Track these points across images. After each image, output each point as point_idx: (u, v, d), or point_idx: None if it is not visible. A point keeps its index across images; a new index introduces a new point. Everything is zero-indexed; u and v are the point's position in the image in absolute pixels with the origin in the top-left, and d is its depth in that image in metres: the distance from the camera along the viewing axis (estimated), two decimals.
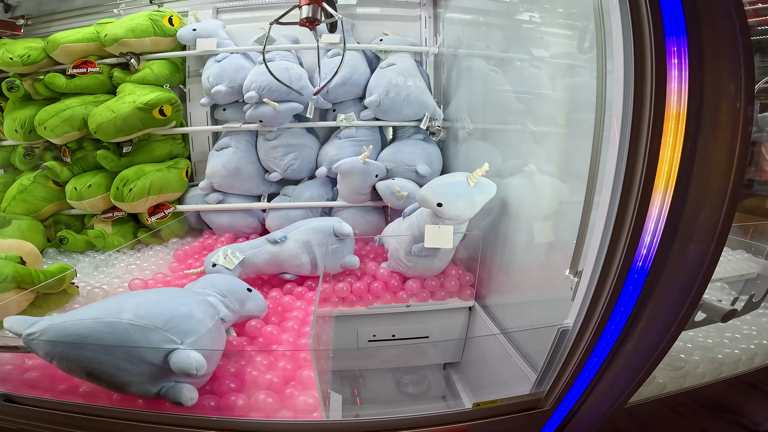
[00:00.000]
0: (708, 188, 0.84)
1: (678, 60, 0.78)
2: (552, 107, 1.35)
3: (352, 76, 2.02)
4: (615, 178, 0.87)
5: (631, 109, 0.81)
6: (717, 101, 0.79)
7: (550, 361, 1.08)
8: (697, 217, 0.86)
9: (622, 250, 0.90)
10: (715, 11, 0.77)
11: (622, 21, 0.81)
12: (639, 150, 0.83)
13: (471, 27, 2.03)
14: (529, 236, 1.45)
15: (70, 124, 1.90)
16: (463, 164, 1.98)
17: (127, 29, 1.94)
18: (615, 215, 0.88)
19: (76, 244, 1.95)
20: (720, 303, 1.07)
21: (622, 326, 0.98)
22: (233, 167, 1.97)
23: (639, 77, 0.80)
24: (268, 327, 1.35)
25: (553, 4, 1.37)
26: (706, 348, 1.41)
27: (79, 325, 0.95)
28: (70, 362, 0.95)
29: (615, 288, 0.93)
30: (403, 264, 1.66)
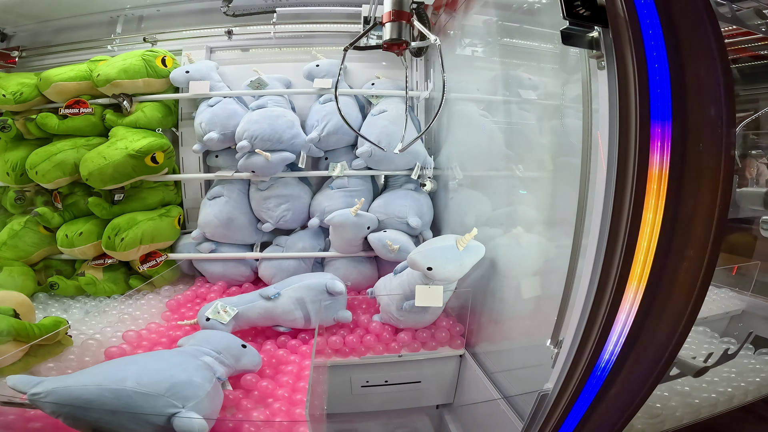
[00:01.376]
0: (680, 275, 0.89)
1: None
2: (541, 152, 1.40)
3: (344, 124, 2.03)
4: (591, 277, 0.92)
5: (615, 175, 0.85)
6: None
7: (531, 419, 1.14)
8: (670, 297, 0.91)
9: (601, 321, 0.94)
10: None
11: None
12: (616, 250, 0.88)
13: (461, 72, 2.06)
14: (516, 291, 1.50)
15: (61, 169, 1.89)
16: (454, 215, 2.02)
17: (120, 69, 1.93)
18: (593, 300, 0.92)
19: (66, 289, 1.94)
20: (693, 360, 1.14)
21: (597, 390, 1.04)
22: (225, 217, 1.98)
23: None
24: (263, 382, 1.38)
25: (541, 50, 1.41)
26: (684, 394, 1.43)
27: (84, 390, 1.02)
28: (78, 421, 1.02)
29: (591, 357, 0.98)
30: (394, 318, 1.70)
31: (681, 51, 0.82)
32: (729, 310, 1.91)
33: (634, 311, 0.92)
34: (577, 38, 0.87)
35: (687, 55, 0.82)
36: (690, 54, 0.83)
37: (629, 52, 0.81)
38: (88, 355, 1.48)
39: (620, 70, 0.82)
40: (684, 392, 1.44)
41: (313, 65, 2.18)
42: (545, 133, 1.40)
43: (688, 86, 0.82)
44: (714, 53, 0.83)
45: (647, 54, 0.81)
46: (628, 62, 0.81)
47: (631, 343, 0.94)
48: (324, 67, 2.16)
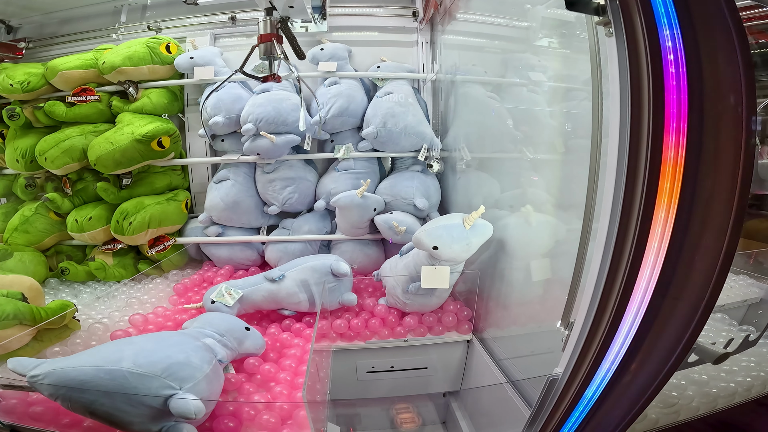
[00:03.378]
0: (701, 249, 0.84)
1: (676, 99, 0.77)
2: (551, 134, 1.35)
3: (349, 106, 2.01)
4: (604, 252, 0.87)
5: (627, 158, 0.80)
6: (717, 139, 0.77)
7: (540, 405, 1.11)
8: (689, 275, 0.86)
9: (613, 305, 0.89)
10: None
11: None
12: (632, 214, 0.83)
13: (469, 51, 2.01)
14: (526, 273, 1.46)
15: (69, 155, 1.91)
16: (461, 196, 1.98)
17: (125, 57, 1.94)
18: (604, 283, 0.88)
19: (77, 275, 1.97)
20: (713, 346, 1.08)
21: (610, 376, 1.00)
22: (232, 201, 1.97)
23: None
24: (266, 365, 1.37)
25: (550, 29, 1.36)
26: (701, 383, 1.39)
27: (80, 371, 1.00)
28: (74, 402, 1.00)
29: (604, 342, 0.93)
30: (400, 301, 1.67)
31: (692, 12, 0.76)
32: (747, 298, 1.83)
33: (650, 294, 0.86)
34: (581, 4, 0.81)
35: (699, 17, 0.76)
36: (702, 15, 0.76)
37: (638, 15, 0.75)
38: (95, 339, 1.49)
39: (629, 36, 0.76)
40: (701, 381, 1.39)
41: (317, 49, 2.15)
42: (555, 115, 1.35)
43: (702, 50, 0.75)
44: (727, 16, 0.77)
45: (656, 17, 0.75)
46: (637, 27, 0.75)
47: (646, 326, 0.89)
48: (328, 51, 2.13)
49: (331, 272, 1.62)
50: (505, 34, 1.74)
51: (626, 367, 0.96)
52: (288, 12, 1.57)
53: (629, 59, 0.77)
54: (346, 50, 2.18)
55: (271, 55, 1.48)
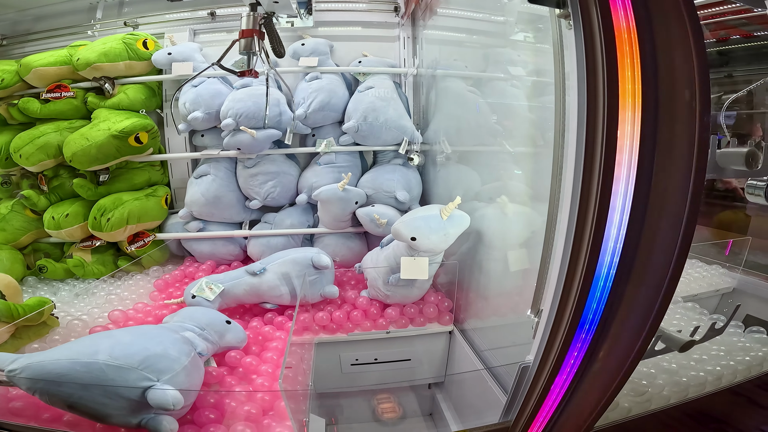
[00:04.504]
0: (659, 237, 0.87)
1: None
2: (528, 127, 1.37)
3: (330, 101, 2.02)
4: (566, 241, 0.89)
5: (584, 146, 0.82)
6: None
7: (514, 393, 1.14)
8: (649, 261, 0.89)
9: (576, 291, 0.92)
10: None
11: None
12: (590, 203, 0.85)
13: (449, 46, 2.03)
14: (504, 264, 1.48)
15: (45, 151, 1.88)
16: (442, 189, 2.00)
17: (100, 53, 1.91)
18: (566, 270, 0.91)
19: (55, 272, 1.94)
20: (678, 334, 1.10)
21: (579, 362, 1.02)
22: (213, 195, 1.96)
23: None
24: (247, 358, 1.38)
25: (526, 23, 1.38)
26: (671, 371, 1.42)
27: (56, 364, 1.00)
28: (52, 396, 1.00)
29: (570, 328, 0.96)
30: (381, 292, 1.68)
31: (649, 7, 0.78)
32: (720, 288, 1.90)
33: (611, 280, 0.89)
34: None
35: (656, 12, 0.78)
36: (659, 11, 0.78)
37: (594, 8, 0.77)
38: (74, 335, 1.47)
39: (586, 27, 0.78)
40: (671, 370, 1.42)
41: (298, 44, 2.15)
42: (532, 109, 1.37)
43: (658, 41, 0.78)
44: (684, 12, 0.79)
45: (613, 11, 0.77)
46: (593, 18, 0.77)
47: (610, 312, 0.93)
48: (309, 46, 2.13)
49: (313, 265, 1.63)
50: (483, 29, 1.76)
51: (595, 354, 0.99)
52: (273, 7, 1.56)
53: (585, 52, 0.79)
54: (327, 45, 2.18)
55: (250, 50, 1.47)
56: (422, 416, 2.00)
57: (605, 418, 1.21)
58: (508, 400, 1.17)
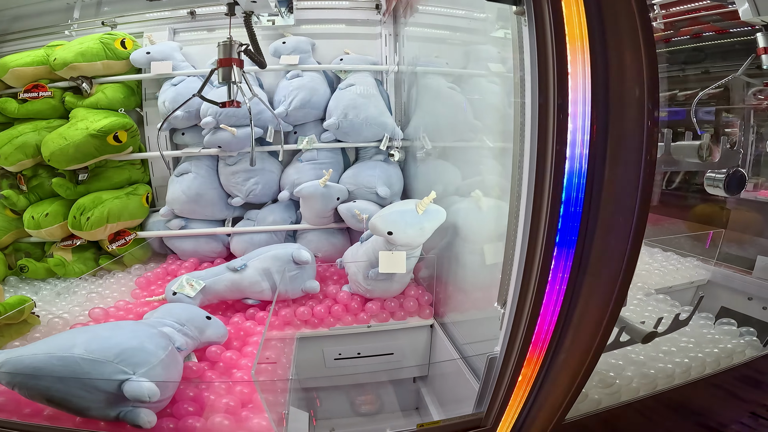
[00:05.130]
0: (613, 228, 0.88)
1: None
2: (506, 122, 1.40)
3: (311, 99, 2.03)
4: (522, 232, 0.92)
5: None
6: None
7: (484, 384, 1.16)
8: (604, 253, 0.91)
9: (534, 282, 0.94)
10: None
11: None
12: (543, 196, 0.87)
13: (429, 43, 2.05)
14: (479, 258, 1.51)
15: (23, 151, 1.87)
16: (422, 184, 2.03)
17: (77, 53, 1.90)
18: (525, 259, 0.93)
19: (36, 272, 1.93)
20: (641, 325, 1.13)
21: (544, 353, 1.04)
22: (194, 193, 1.97)
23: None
24: (227, 352, 1.39)
25: (506, 20, 1.40)
26: (639, 363, 1.42)
27: (33, 359, 1.01)
28: (30, 390, 1.02)
29: (531, 317, 0.98)
30: (362, 287, 1.71)
31: (601, 5, 0.80)
32: (694, 280, 1.92)
33: (567, 271, 0.92)
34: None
35: (607, 10, 0.80)
36: (610, 9, 0.80)
37: (546, 5, 0.79)
38: (55, 333, 1.46)
39: (538, 23, 0.80)
40: (639, 361, 1.43)
41: (279, 42, 2.16)
42: (510, 105, 1.39)
43: (608, 34, 0.80)
44: (635, 11, 0.81)
45: (564, 9, 0.79)
46: (545, 13, 0.80)
47: (571, 304, 0.95)
48: (291, 44, 2.14)
49: (293, 260, 1.64)
50: (463, 26, 1.78)
51: (559, 345, 1.01)
52: (251, 6, 1.55)
53: (537, 48, 0.81)
54: (309, 43, 2.19)
55: (230, 80, 1.44)
56: (408, 411, 2.02)
57: (577, 410, 1.22)
58: (479, 392, 1.19)
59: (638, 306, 1.74)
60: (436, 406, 1.82)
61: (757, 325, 1.61)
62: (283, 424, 1.28)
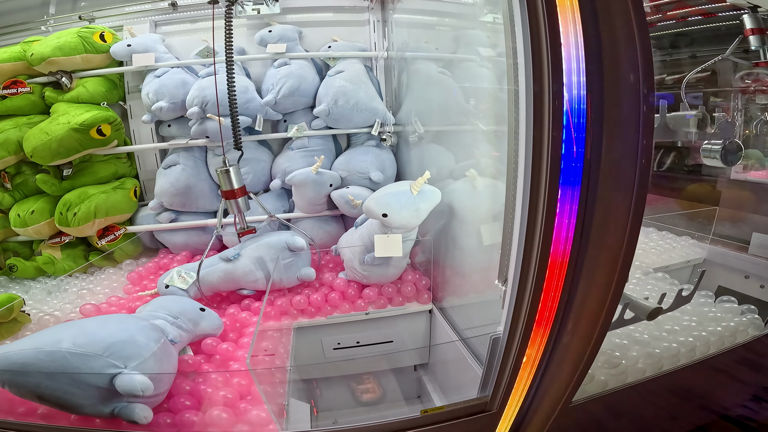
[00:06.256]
0: (613, 204, 0.87)
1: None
2: (499, 106, 1.38)
3: (300, 86, 1.99)
4: (522, 208, 0.91)
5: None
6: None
7: (488, 366, 1.14)
8: (605, 229, 0.90)
9: (536, 258, 0.93)
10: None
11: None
12: (541, 175, 0.86)
13: (418, 29, 2.03)
14: (477, 239, 1.49)
15: (5, 148, 1.81)
16: (416, 168, 2.00)
17: (55, 47, 1.85)
18: (525, 235, 0.92)
19: (26, 271, 1.89)
20: (645, 301, 1.11)
21: (548, 332, 1.02)
22: (183, 185, 1.93)
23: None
24: (223, 344, 1.37)
25: (495, 4, 1.39)
26: (643, 343, 1.41)
27: (20, 354, 0.98)
28: (20, 388, 0.99)
29: (534, 294, 0.96)
30: (358, 273, 1.68)
31: None
32: (690, 259, 1.92)
33: (569, 248, 0.91)
34: None
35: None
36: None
37: None
38: None
39: (530, 8, 0.79)
40: (643, 341, 1.42)
41: (265, 31, 2.11)
42: (502, 89, 1.38)
43: (600, 12, 0.78)
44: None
45: None
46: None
47: (573, 279, 0.94)
48: (277, 33, 2.10)
49: (287, 247, 1.61)
50: (451, 11, 1.76)
51: (563, 325, 0.99)
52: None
53: (530, 30, 0.80)
54: (295, 31, 2.15)
55: (238, 211, 1.57)
56: (411, 399, 2.00)
57: (583, 392, 1.20)
58: (483, 374, 1.17)
59: (638, 285, 1.74)
60: (438, 394, 1.80)
61: (756, 303, 1.61)
62: (283, 415, 1.26)
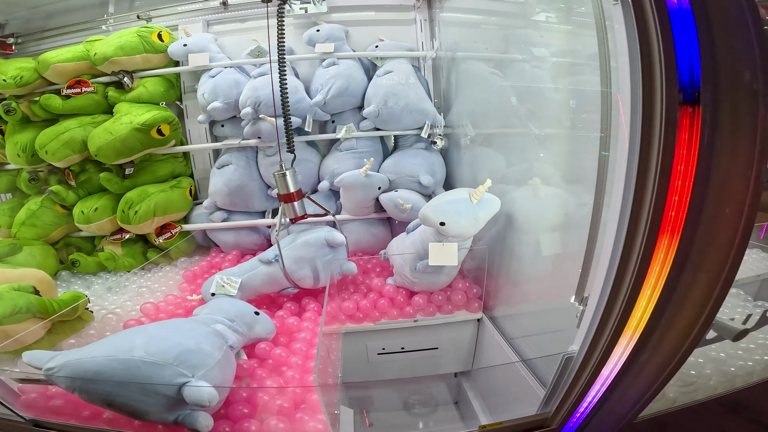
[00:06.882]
0: (720, 220, 0.81)
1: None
2: (556, 108, 1.31)
3: (349, 87, 1.97)
4: (619, 224, 0.85)
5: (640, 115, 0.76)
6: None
7: (556, 384, 1.10)
8: (709, 246, 0.84)
9: (630, 278, 0.87)
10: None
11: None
12: (647, 187, 0.80)
13: (468, 28, 1.95)
14: (536, 248, 1.43)
15: (70, 147, 1.89)
16: (467, 172, 1.95)
17: (116, 47, 1.90)
18: (620, 256, 0.86)
19: (87, 266, 1.98)
20: (731, 322, 1.04)
21: (629, 351, 0.97)
22: (235, 185, 1.96)
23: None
24: (277, 350, 1.37)
25: (548, 3, 1.31)
26: (719, 361, 1.35)
27: (93, 362, 1.00)
28: (90, 394, 1.00)
29: (622, 317, 0.91)
30: (408, 280, 1.66)
31: None
32: (761, 273, 1.75)
33: (668, 265, 0.84)
34: None
35: None
36: None
37: None
38: (109, 329, 1.49)
39: (636, 5, 0.72)
40: (719, 359, 1.35)
41: (313, 30, 2.10)
42: (560, 90, 1.31)
43: (713, 20, 0.71)
44: None
45: None
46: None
47: (665, 300, 0.87)
48: (325, 32, 2.08)
49: (327, 243, 1.59)
50: (504, 10, 1.68)
51: (645, 344, 0.94)
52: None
53: (638, 30, 0.73)
54: (342, 31, 2.13)
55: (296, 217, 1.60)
56: (448, 405, 1.98)
57: (649, 408, 1.13)
58: (548, 392, 1.13)
59: None
60: (479, 402, 1.77)
61: None
62: (336, 425, 1.24)
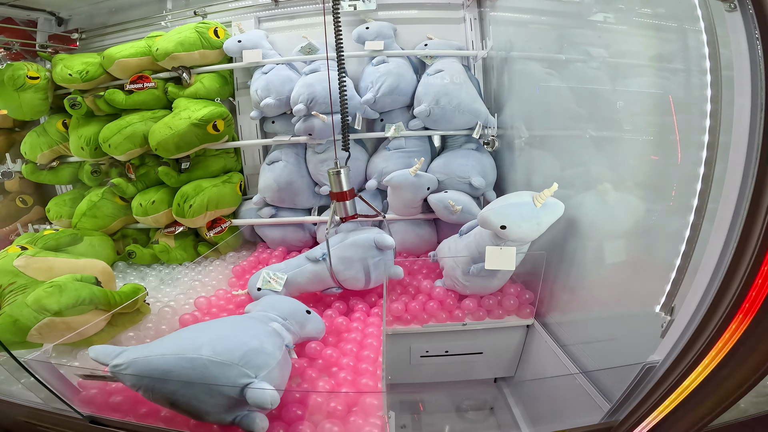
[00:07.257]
0: None
1: None
2: (618, 111, 1.24)
3: (399, 85, 1.95)
4: (727, 238, 0.80)
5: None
6: None
7: (629, 393, 1.05)
8: None
9: (734, 293, 0.81)
10: None
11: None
12: (762, 204, 0.74)
13: (521, 27, 1.89)
14: (602, 255, 1.36)
15: (132, 141, 1.97)
16: (520, 175, 1.88)
17: (177, 43, 1.96)
18: (725, 270, 0.81)
19: (143, 257, 2.06)
20: None
21: (716, 364, 0.91)
22: (284, 181, 1.99)
23: None
24: (327, 350, 1.36)
25: (606, 3, 1.24)
26: None
27: (162, 360, 0.99)
28: (155, 393, 0.99)
29: (718, 330, 0.86)
30: (459, 283, 1.62)
31: None
32: None
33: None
34: None
35: None
36: None
37: None
38: (164, 322, 1.52)
39: (758, 12, 0.67)
40: None
41: (362, 28, 2.09)
42: (624, 93, 1.24)
43: None
44: None
45: None
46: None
47: (760, 317, 0.81)
48: (374, 30, 2.07)
49: (375, 245, 1.57)
50: (561, 9, 1.61)
51: (731, 358, 0.88)
52: None
53: (762, 38, 0.68)
54: (391, 28, 2.11)
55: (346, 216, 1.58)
56: (484, 410, 1.93)
57: (719, 419, 1.08)
58: (619, 400, 1.08)
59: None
60: (520, 408, 1.72)
61: None
62: (387, 430, 1.22)
